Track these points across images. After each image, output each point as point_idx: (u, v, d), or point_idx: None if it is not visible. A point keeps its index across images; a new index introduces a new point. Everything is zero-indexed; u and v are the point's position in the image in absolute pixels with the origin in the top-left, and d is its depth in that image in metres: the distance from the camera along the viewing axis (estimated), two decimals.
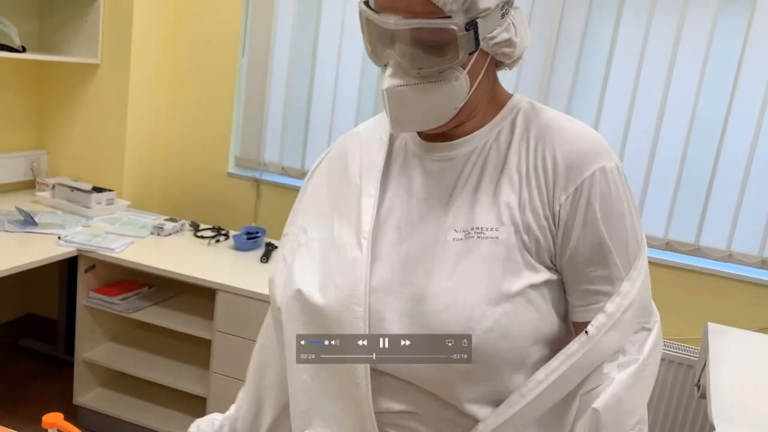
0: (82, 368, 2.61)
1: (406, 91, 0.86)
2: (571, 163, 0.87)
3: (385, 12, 0.85)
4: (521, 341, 0.88)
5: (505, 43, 0.88)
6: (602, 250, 0.88)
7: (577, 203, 0.87)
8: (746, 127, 2.47)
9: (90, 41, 2.88)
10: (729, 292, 2.56)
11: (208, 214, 3.06)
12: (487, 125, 0.94)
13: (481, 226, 0.89)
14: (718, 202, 2.54)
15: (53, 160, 3.09)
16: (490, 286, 0.86)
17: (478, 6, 0.83)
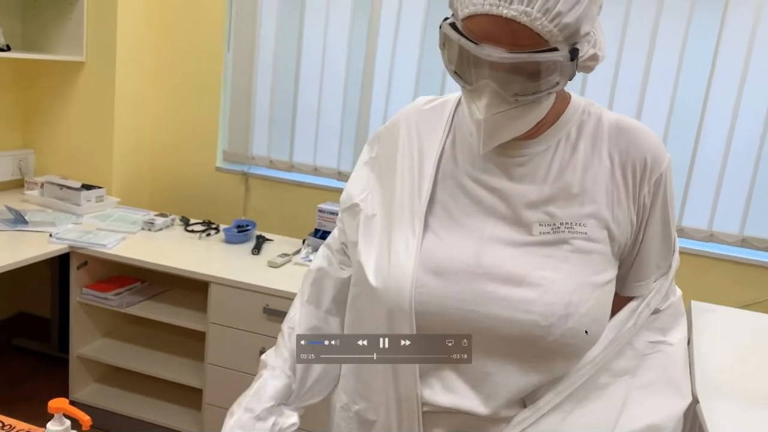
0: (77, 364, 2.63)
1: (502, 116, 0.86)
2: (654, 159, 0.94)
3: (485, 42, 0.82)
4: (604, 327, 0.95)
5: (591, 58, 0.88)
6: (669, 229, 0.99)
7: (657, 191, 0.95)
8: (725, 107, 2.52)
9: (74, 39, 2.88)
10: (711, 272, 2.62)
11: (198, 209, 3.09)
12: (556, 124, 0.96)
13: (570, 221, 0.93)
14: (699, 184, 2.60)
15: (41, 158, 3.09)
16: (583, 276, 0.91)
17: (579, 33, 0.83)
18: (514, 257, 0.92)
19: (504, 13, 0.79)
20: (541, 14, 0.79)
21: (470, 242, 0.94)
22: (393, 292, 0.95)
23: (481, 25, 0.81)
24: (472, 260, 0.93)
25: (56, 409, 1.03)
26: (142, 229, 2.71)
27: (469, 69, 0.86)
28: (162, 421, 2.55)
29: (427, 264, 0.94)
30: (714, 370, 2.06)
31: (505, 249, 0.93)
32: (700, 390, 2.00)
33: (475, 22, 0.82)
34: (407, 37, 2.80)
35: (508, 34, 0.80)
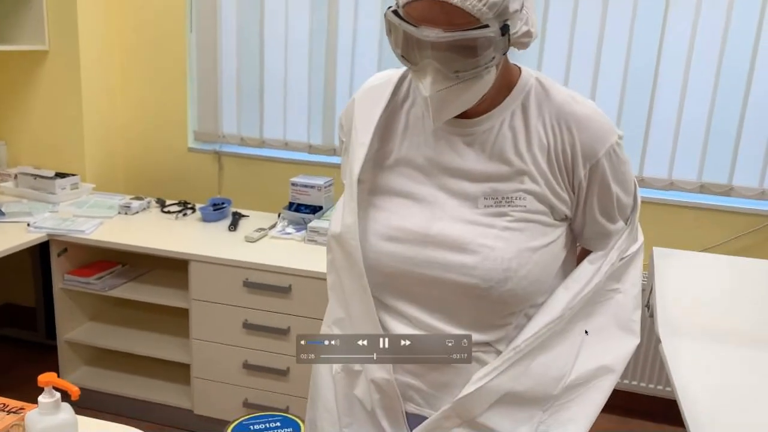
0: (65, 349, 2.69)
1: (446, 93, 0.94)
2: (589, 148, 1.02)
3: (423, 24, 0.90)
4: (548, 285, 1.06)
5: (525, 34, 0.96)
6: (612, 205, 1.08)
7: (594, 175, 1.04)
8: (678, 60, 2.60)
9: (36, 28, 2.88)
10: (673, 218, 2.72)
11: (173, 190, 3.12)
12: (502, 104, 1.03)
13: (511, 196, 1.02)
14: (657, 135, 2.68)
15: (12, 150, 3.10)
16: (521, 243, 1.01)
17: (508, 10, 0.90)
18: (460, 227, 1.02)
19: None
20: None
21: (422, 213, 1.04)
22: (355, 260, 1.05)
23: (419, 9, 0.89)
24: (423, 229, 1.03)
25: (46, 383, 1.09)
26: (119, 213, 2.75)
27: (413, 51, 0.93)
28: (153, 397, 2.63)
29: (382, 232, 1.05)
30: (675, 310, 2.17)
31: (453, 220, 1.03)
32: (662, 331, 2.11)
33: (413, 6, 0.90)
34: (368, 8, 2.83)
35: (443, 15, 0.88)
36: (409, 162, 1.07)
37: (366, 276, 1.05)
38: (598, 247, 1.11)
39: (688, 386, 1.81)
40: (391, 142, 1.09)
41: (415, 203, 1.05)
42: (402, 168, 1.07)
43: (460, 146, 1.04)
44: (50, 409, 1.09)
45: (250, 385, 2.44)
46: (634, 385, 2.83)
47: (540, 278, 1.03)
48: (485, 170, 1.03)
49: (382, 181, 1.08)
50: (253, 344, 2.39)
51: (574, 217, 1.08)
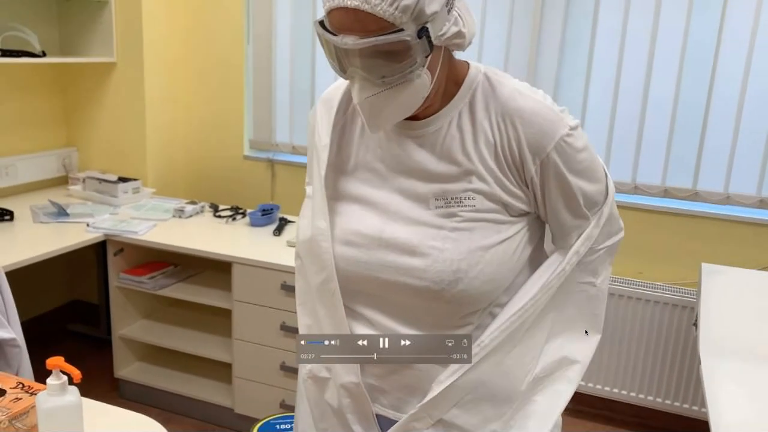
0: (119, 345, 2.83)
1: (375, 99, 0.95)
2: (535, 143, 1.00)
3: (342, 33, 0.91)
4: (507, 281, 1.04)
5: (455, 35, 0.95)
6: (575, 198, 1.04)
7: (546, 170, 1.01)
8: (736, 66, 2.49)
9: (105, 41, 3.07)
10: (729, 234, 2.60)
11: (228, 196, 3.24)
12: (450, 104, 1.04)
13: (460, 196, 1.01)
14: (713, 146, 2.57)
15: (83, 155, 3.31)
16: (472, 242, 1.00)
17: (425, 12, 0.89)
18: (411, 229, 1.02)
19: (348, 4, 0.88)
20: (380, 0, 0.86)
21: (377, 217, 1.05)
22: (321, 265, 1.08)
23: (336, 17, 0.91)
24: (376, 233, 1.04)
25: (53, 366, 1.16)
26: (174, 216, 2.88)
27: (340, 60, 0.95)
28: (197, 394, 2.73)
29: (340, 236, 1.07)
30: (719, 329, 2.07)
31: (405, 222, 1.03)
32: (703, 350, 2.01)
33: (332, 15, 0.92)
34: None
35: (357, 22, 0.89)
36: (366, 166, 1.08)
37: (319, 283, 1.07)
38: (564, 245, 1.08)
39: (723, 410, 1.71)
40: (349, 147, 1.10)
41: (371, 207, 1.06)
42: (360, 173, 1.09)
43: (411, 148, 1.04)
44: (57, 391, 1.16)
45: (287, 386, 2.49)
46: (677, 407, 2.71)
47: (495, 276, 1.02)
48: (435, 171, 1.03)
49: (340, 186, 1.10)
50: (290, 346, 2.45)
51: (541, 213, 1.06)
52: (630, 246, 2.73)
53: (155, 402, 2.79)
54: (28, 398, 1.24)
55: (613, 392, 2.79)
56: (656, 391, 2.72)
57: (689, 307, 2.60)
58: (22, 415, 1.19)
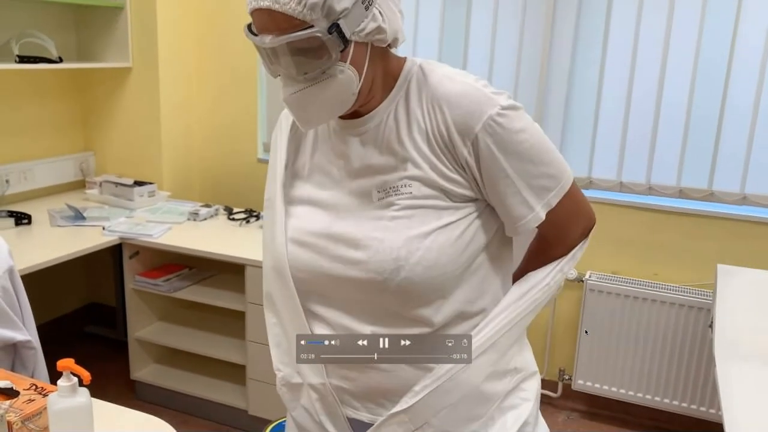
0: (135, 346, 2.86)
1: (301, 95, 0.97)
2: (463, 125, 1.00)
3: (261, 33, 0.95)
4: (448, 267, 1.02)
5: (375, 31, 0.96)
6: (511, 181, 1.01)
7: (479, 151, 1.00)
8: (751, 64, 2.46)
9: (121, 47, 3.11)
10: (746, 235, 2.56)
11: (243, 199, 3.26)
12: (388, 98, 1.05)
13: (397, 185, 1.02)
14: (729, 145, 2.54)
15: (100, 159, 3.35)
16: (411, 229, 1.00)
17: (335, 9, 0.91)
18: (356, 223, 1.04)
19: (261, 5, 0.92)
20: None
21: (326, 215, 1.08)
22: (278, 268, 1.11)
23: (256, 19, 0.95)
24: (325, 230, 1.06)
25: (64, 368, 1.18)
26: (188, 219, 2.90)
27: (269, 61, 0.98)
28: (212, 396, 2.75)
29: (295, 237, 1.09)
30: (735, 331, 2.04)
31: (351, 217, 1.05)
32: (718, 351, 1.99)
33: (254, 17, 0.95)
34: (428, 19, 2.86)
35: (271, 21, 0.92)
36: (321, 170, 1.11)
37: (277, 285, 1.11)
38: (523, 229, 1.05)
39: (738, 413, 1.69)
40: (304, 155, 1.14)
41: (321, 207, 1.09)
42: (314, 177, 1.11)
43: (356, 146, 1.06)
44: (68, 392, 1.17)
45: None
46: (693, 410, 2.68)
47: (437, 262, 1.00)
48: (377, 164, 1.05)
49: (295, 192, 1.13)
50: None
51: (486, 198, 1.04)
52: (645, 247, 2.72)
53: (171, 404, 2.82)
54: (41, 400, 1.26)
55: (628, 395, 2.77)
56: (672, 393, 2.70)
57: (705, 308, 2.57)
58: (34, 416, 1.21)
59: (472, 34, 2.82)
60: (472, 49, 2.83)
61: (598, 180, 2.76)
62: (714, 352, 2.00)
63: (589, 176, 2.76)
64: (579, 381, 2.83)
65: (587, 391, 2.85)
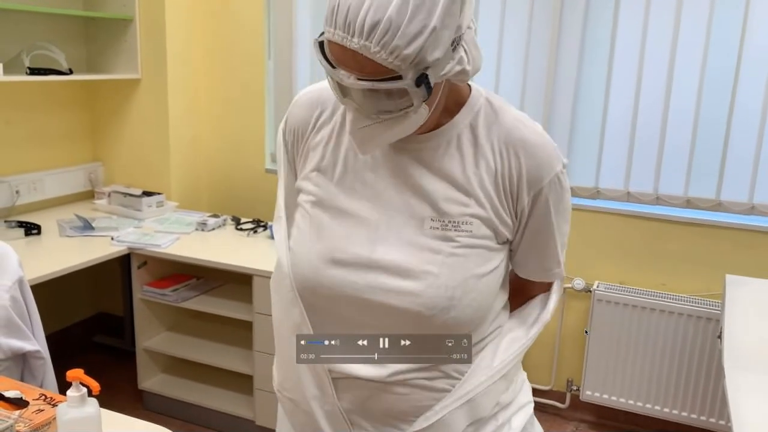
0: (143, 356, 2.87)
1: (369, 130, 0.93)
2: (534, 175, 1.01)
3: (339, 66, 0.88)
4: (488, 309, 1.05)
5: (459, 73, 0.92)
6: (552, 235, 1.06)
7: (537, 203, 1.03)
8: (759, 73, 2.46)
9: (130, 59, 3.14)
10: (754, 245, 2.56)
11: (250, 209, 3.27)
12: (450, 122, 1.02)
13: (457, 220, 1.00)
14: (736, 155, 2.54)
15: (108, 170, 3.38)
16: (467, 270, 1.00)
17: (426, 60, 0.86)
18: (405, 251, 0.99)
19: (348, 45, 0.85)
20: (379, 48, 0.84)
21: (366, 234, 1.01)
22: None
23: (335, 51, 0.88)
24: (366, 252, 1.00)
25: (73, 378, 1.19)
26: (196, 229, 2.92)
27: (338, 92, 0.93)
28: (220, 406, 2.75)
29: (326, 254, 1.02)
30: (744, 342, 2.03)
31: (398, 242, 1.00)
32: (728, 363, 1.98)
33: (331, 47, 0.89)
34: None
35: (355, 63, 0.87)
36: (356, 175, 1.04)
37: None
38: (535, 277, 1.12)
39: (747, 425, 1.68)
40: (337, 151, 1.06)
41: (360, 223, 1.02)
42: (348, 181, 1.04)
43: (406, 161, 1.02)
44: (77, 403, 1.18)
45: None
46: (702, 421, 2.66)
47: (483, 305, 1.02)
48: (431, 189, 1.01)
49: (326, 194, 1.05)
50: None
51: (514, 243, 1.07)
52: (653, 257, 2.72)
53: (178, 413, 2.82)
54: (50, 410, 1.26)
55: (636, 405, 2.76)
56: (680, 404, 2.68)
57: (713, 319, 2.56)
58: (43, 427, 1.22)
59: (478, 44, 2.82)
60: None
61: (605, 190, 2.76)
62: (723, 362, 1.98)
63: (596, 186, 2.76)
64: (587, 392, 2.82)
65: (595, 401, 2.83)
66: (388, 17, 0.82)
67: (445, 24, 0.85)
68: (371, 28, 0.83)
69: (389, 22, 0.82)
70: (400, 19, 0.82)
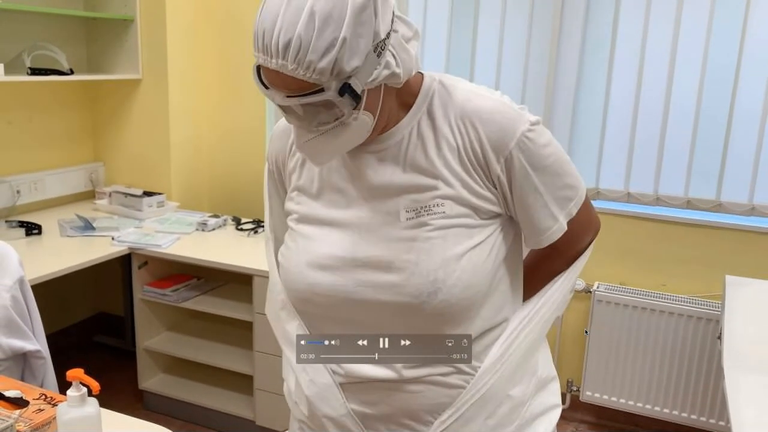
0: (144, 356, 2.87)
1: (314, 143, 0.95)
2: (497, 141, 1.00)
3: (271, 87, 0.92)
4: (481, 287, 1.03)
5: (389, 76, 0.93)
6: (540, 195, 1.03)
7: (511, 168, 1.01)
8: (759, 73, 2.46)
9: (131, 59, 3.14)
10: (753, 246, 2.56)
11: (250, 209, 3.28)
12: (408, 114, 1.03)
13: (428, 204, 1.00)
14: (737, 155, 2.54)
15: (109, 170, 3.38)
16: (446, 250, 0.99)
17: (345, 70, 0.88)
18: (384, 245, 1.01)
19: (270, 66, 0.89)
20: (296, 65, 0.86)
21: (349, 238, 1.04)
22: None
23: (265, 72, 0.92)
24: (350, 254, 1.03)
25: (73, 377, 1.19)
26: (197, 229, 2.92)
27: (280, 109, 0.97)
28: (220, 406, 2.75)
29: (313, 261, 1.05)
30: (743, 343, 2.03)
31: (377, 239, 1.02)
32: (727, 362, 1.98)
33: (263, 69, 0.92)
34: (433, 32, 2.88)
35: (281, 81, 0.90)
36: (332, 187, 1.07)
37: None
38: (546, 242, 1.08)
39: (746, 426, 1.68)
40: (311, 170, 1.10)
41: (341, 229, 1.05)
42: (326, 194, 1.07)
43: (374, 163, 1.03)
44: (77, 402, 1.18)
45: None
46: (702, 422, 2.66)
47: (472, 282, 1.00)
48: (402, 182, 1.02)
49: (308, 210, 1.09)
50: None
51: (512, 213, 1.05)
52: (653, 258, 2.72)
53: (178, 413, 2.82)
54: (50, 409, 1.27)
55: (636, 406, 2.76)
56: (680, 405, 2.68)
57: (713, 320, 2.56)
58: (43, 426, 1.22)
59: (479, 44, 2.83)
60: (479, 59, 2.84)
61: (605, 190, 2.76)
62: (722, 363, 1.99)
63: (596, 187, 2.77)
64: (587, 392, 2.82)
65: (595, 402, 2.83)
66: (297, 35, 0.85)
67: (358, 33, 0.87)
68: (285, 48, 0.86)
69: (299, 40, 0.85)
70: (309, 35, 0.85)
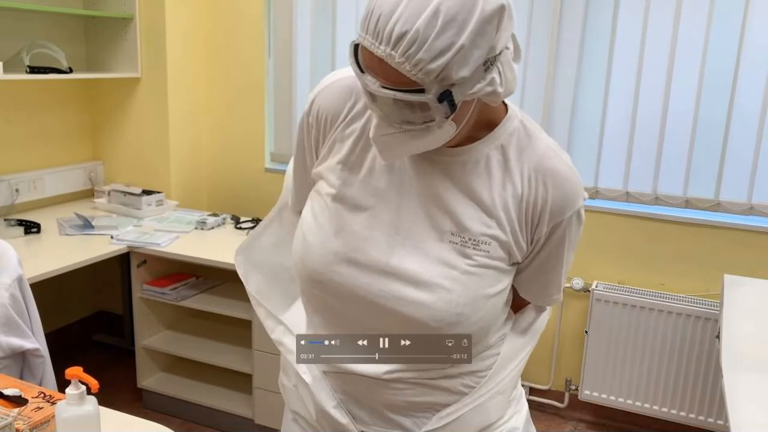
0: (142, 355, 2.87)
1: (392, 138, 0.91)
2: (558, 207, 1.00)
3: (367, 71, 0.87)
4: (492, 326, 1.06)
5: (489, 94, 0.89)
6: (559, 265, 1.08)
7: (554, 234, 1.03)
8: (758, 73, 2.46)
9: (130, 57, 3.14)
10: (752, 245, 2.56)
11: (249, 208, 3.28)
12: (482, 141, 1.00)
13: (477, 239, 0.99)
14: (735, 155, 2.54)
15: (108, 169, 3.38)
16: (479, 289, 0.99)
17: (451, 77, 0.83)
18: (421, 260, 0.99)
19: (375, 51, 0.84)
20: (404, 59, 0.82)
21: (385, 238, 1.00)
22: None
23: (365, 55, 0.87)
24: (385, 257, 0.99)
25: (72, 376, 1.19)
26: (196, 228, 2.92)
27: (367, 96, 0.92)
28: (219, 405, 2.75)
29: (342, 252, 1.01)
30: (742, 342, 2.04)
31: (415, 250, 0.99)
32: (725, 362, 1.98)
33: (362, 51, 0.87)
34: None
35: (380, 70, 0.85)
36: (382, 178, 1.02)
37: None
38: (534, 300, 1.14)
39: (744, 425, 1.68)
40: (367, 151, 1.03)
41: (380, 226, 1.01)
42: (373, 183, 1.02)
43: (433, 172, 1.00)
44: (76, 400, 1.18)
45: None
46: (701, 421, 2.67)
47: (489, 324, 1.03)
48: (454, 203, 0.99)
49: (350, 192, 1.03)
50: None
51: (524, 266, 1.07)
52: (651, 257, 2.72)
53: (177, 412, 2.82)
54: (49, 408, 1.27)
55: (635, 405, 2.76)
56: (679, 404, 2.68)
57: (712, 319, 2.56)
58: (42, 425, 1.22)
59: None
60: None
61: (604, 190, 2.76)
62: (721, 362, 1.99)
63: (595, 186, 2.77)
64: (585, 391, 2.82)
65: (594, 401, 2.84)
66: (416, 29, 0.81)
67: (476, 43, 0.83)
68: (398, 38, 0.81)
69: (416, 35, 0.81)
70: (428, 33, 0.81)
